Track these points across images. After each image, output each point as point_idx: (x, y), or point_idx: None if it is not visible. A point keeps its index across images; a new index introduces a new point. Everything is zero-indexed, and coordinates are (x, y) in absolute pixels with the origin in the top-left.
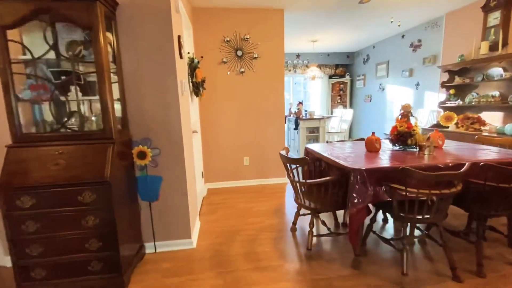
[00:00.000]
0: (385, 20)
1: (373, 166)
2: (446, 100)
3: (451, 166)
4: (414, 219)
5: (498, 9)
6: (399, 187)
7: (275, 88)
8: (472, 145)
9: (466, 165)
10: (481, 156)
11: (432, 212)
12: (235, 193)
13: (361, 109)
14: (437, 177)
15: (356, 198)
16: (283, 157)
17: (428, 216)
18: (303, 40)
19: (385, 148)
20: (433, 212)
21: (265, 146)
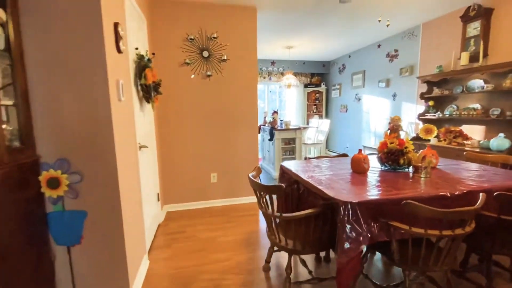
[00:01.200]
0: (362, 28)
1: (368, 198)
2: (426, 112)
3: (459, 195)
4: (423, 267)
5: (478, 19)
6: (402, 227)
7: (248, 95)
8: (466, 164)
9: (481, 197)
10: (486, 179)
11: (441, 257)
12: (198, 217)
13: (337, 119)
14: (451, 215)
15: (347, 242)
16: (253, 183)
17: (438, 262)
18: (278, 46)
19: (373, 168)
20: (442, 257)
21: (235, 160)
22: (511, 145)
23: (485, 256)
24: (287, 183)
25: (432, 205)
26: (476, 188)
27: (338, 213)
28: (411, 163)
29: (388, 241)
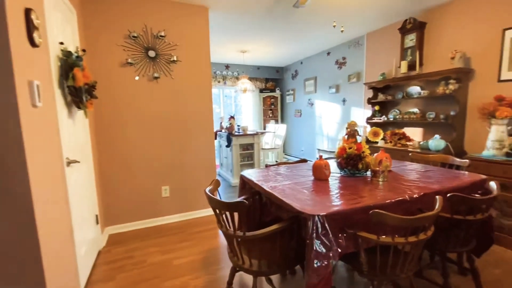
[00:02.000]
0: (313, 35)
1: (334, 209)
2: (372, 116)
3: (416, 198)
4: (390, 275)
5: (414, 31)
6: (370, 237)
7: (202, 99)
8: (413, 164)
9: (439, 200)
10: (434, 180)
11: (407, 263)
12: (149, 237)
13: (292, 123)
14: (417, 221)
15: (317, 260)
16: (211, 200)
17: (404, 268)
18: (232, 49)
19: (333, 174)
20: (407, 264)
21: (190, 169)
22: (446, 145)
23: (440, 254)
24: (248, 194)
25: (395, 210)
26: (428, 190)
27: (305, 227)
28: (369, 167)
29: (354, 252)
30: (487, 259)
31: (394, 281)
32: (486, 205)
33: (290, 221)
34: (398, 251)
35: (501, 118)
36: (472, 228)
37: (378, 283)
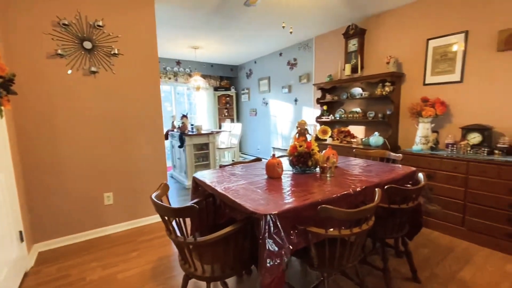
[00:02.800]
0: (265, 35)
1: (286, 207)
2: (321, 115)
3: (359, 191)
4: (338, 266)
5: (355, 37)
6: (318, 231)
7: (149, 96)
8: (357, 160)
9: (378, 192)
10: (374, 174)
11: (352, 253)
12: (89, 251)
13: (248, 122)
14: (360, 214)
15: (269, 259)
16: (158, 207)
17: (350, 258)
18: (183, 45)
19: (286, 172)
20: (353, 253)
21: (137, 173)
22: (384, 141)
23: (380, 240)
24: (201, 196)
25: (341, 203)
26: (369, 183)
27: (258, 227)
28: (318, 164)
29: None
30: (417, 240)
31: (342, 271)
32: (416, 194)
33: (243, 222)
34: (345, 242)
35: (426, 117)
36: (406, 215)
37: (328, 274)
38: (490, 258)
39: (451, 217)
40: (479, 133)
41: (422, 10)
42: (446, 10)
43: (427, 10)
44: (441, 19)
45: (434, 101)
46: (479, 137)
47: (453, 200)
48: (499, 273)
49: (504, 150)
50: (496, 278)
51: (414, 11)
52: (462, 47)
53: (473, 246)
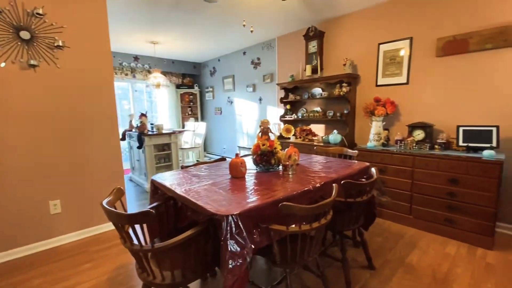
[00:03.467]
0: (228, 33)
1: (248, 206)
2: (285, 114)
3: (318, 187)
4: (300, 260)
5: (315, 39)
6: (280, 229)
7: (101, 93)
8: (317, 157)
9: (335, 188)
10: (333, 170)
11: (312, 247)
12: (33, 266)
13: (213, 121)
14: (318, 209)
15: (231, 260)
16: (110, 214)
17: (310, 252)
18: (141, 39)
19: (250, 170)
20: (313, 247)
21: (89, 177)
22: (342, 138)
23: (338, 233)
24: (161, 200)
25: (302, 200)
26: (328, 179)
27: (219, 229)
28: (281, 162)
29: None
30: (372, 230)
31: (304, 265)
32: (369, 187)
33: (204, 224)
34: (305, 237)
35: (378, 116)
36: (361, 208)
37: (290, 270)
38: (432, 242)
39: (400, 207)
40: (422, 130)
41: (374, 16)
42: (394, 18)
43: (378, 16)
44: (390, 25)
45: (385, 101)
46: (422, 133)
47: (402, 191)
48: (440, 255)
49: (443, 145)
50: (438, 260)
51: (367, 16)
52: (408, 52)
53: (419, 232)
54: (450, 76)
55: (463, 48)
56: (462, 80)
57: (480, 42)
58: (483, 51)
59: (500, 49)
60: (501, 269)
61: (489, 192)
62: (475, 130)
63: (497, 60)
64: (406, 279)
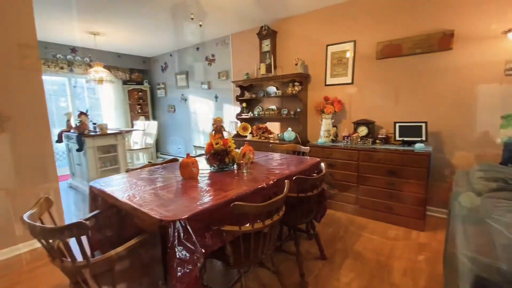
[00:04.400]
0: (180, 27)
1: (198, 209)
2: (241, 112)
3: (272, 184)
4: (254, 259)
5: (268, 38)
6: (233, 229)
7: (26, 88)
8: (272, 154)
9: (286, 184)
10: (285, 167)
11: (266, 245)
12: None
13: (166, 120)
14: (270, 206)
15: (180, 268)
16: (32, 230)
17: (264, 249)
18: (78, 29)
19: (203, 170)
20: (266, 244)
21: (12, 187)
22: (296, 136)
23: (292, 227)
24: (103, 207)
25: (255, 197)
26: (281, 176)
27: (166, 236)
28: (235, 160)
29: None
30: (323, 222)
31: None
32: (319, 181)
33: (149, 232)
34: (259, 235)
35: (328, 114)
36: (313, 201)
37: (245, 270)
38: (376, 229)
39: (348, 198)
40: (365, 126)
41: (322, 18)
42: (340, 21)
43: (326, 19)
44: (337, 28)
45: (333, 100)
46: (366, 130)
47: (349, 183)
48: (383, 240)
49: (383, 139)
50: (381, 245)
51: (317, 18)
52: (352, 54)
53: (364, 220)
54: (387, 76)
55: (397, 51)
56: (397, 81)
57: (411, 47)
58: (414, 55)
59: (427, 54)
60: (431, 247)
61: (420, 180)
62: (409, 125)
63: (424, 63)
64: (354, 265)
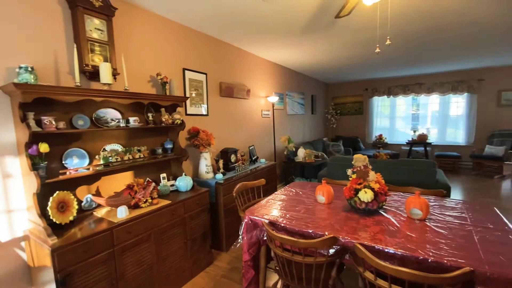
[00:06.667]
0: None
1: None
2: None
3: None
4: None
5: (101, 13)
6: None
7: None
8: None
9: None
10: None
11: None
12: None
13: None
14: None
15: None
16: None
17: None
18: None
19: None
20: None
21: None
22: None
23: None
24: None
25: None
26: None
27: None
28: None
29: None
30: None
31: None
32: None
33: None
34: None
35: (212, 146)
36: None
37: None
38: None
39: None
40: (234, 154)
41: (179, 36)
42: (194, 49)
43: (182, 38)
44: (192, 53)
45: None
46: (234, 157)
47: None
48: None
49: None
50: None
51: (172, 32)
52: (205, 86)
53: None
54: (227, 112)
55: (231, 93)
56: (231, 116)
57: (237, 92)
58: (238, 98)
59: (240, 99)
60: None
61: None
62: (251, 149)
63: (240, 104)
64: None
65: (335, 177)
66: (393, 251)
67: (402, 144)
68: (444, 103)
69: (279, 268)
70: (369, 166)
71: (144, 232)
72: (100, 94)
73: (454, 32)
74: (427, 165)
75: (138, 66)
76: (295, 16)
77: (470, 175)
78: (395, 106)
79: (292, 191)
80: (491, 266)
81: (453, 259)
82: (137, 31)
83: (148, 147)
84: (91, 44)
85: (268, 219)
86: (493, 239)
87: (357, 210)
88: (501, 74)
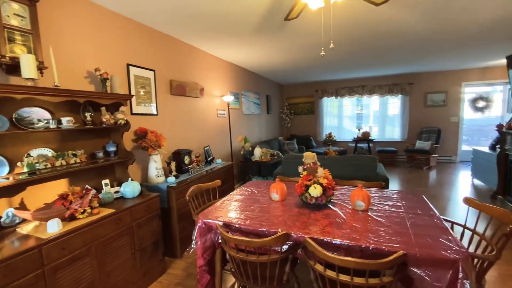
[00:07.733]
0: None
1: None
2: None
3: None
4: None
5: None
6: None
7: None
8: None
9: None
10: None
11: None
12: None
13: None
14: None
15: None
16: None
17: None
18: None
19: None
20: None
21: None
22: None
23: None
24: None
25: None
26: None
27: None
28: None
29: None
30: None
31: None
32: None
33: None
34: None
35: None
36: None
37: None
38: None
39: None
40: (188, 155)
41: (122, 27)
42: (139, 43)
43: (126, 30)
44: (138, 48)
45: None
46: (188, 158)
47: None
48: None
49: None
50: None
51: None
52: (154, 83)
53: None
54: (179, 111)
55: (183, 92)
56: (185, 115)
57: (190, 90)
58: (191, 97)
59: (193, 98)
60: None
61: (229, 181)
62: (207, 149)
63: (193, 103)
64: None
65: (290, 175)
66: (339, 242)
67: (349, 141)
68: (383, 104)
69: (235, 269)
70: (318, 163)
71: (83, 247)
72: (21, 90)
73: (387, 40)
74: (369, 160)
75: (73, 60)
76: (247, 13)
77: (405, 167)
78: (342, 106)
79: (248, 191)
80: (420, 248)
81: (390, 245)
82: (71, 22)
83: (86, 151)
84: (9, 32)
85: (223, 221)
86: (422, 223)
87: (308, 205)
88: (427, 79)
